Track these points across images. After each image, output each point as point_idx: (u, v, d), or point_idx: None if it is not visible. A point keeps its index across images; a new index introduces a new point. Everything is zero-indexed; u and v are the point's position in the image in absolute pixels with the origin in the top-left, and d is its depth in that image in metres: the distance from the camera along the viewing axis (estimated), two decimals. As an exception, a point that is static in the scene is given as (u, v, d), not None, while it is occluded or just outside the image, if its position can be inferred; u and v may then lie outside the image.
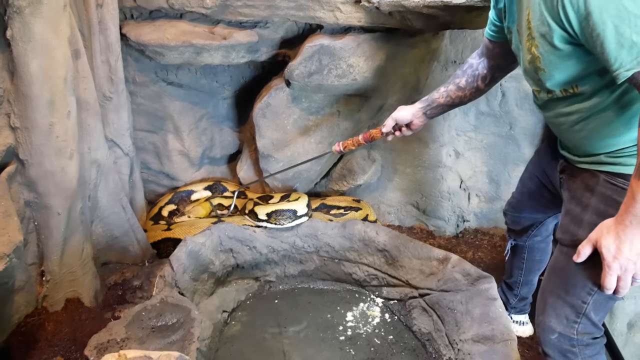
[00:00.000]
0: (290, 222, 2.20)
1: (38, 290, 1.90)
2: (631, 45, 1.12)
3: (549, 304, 1.50)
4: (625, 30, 1.11)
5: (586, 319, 1.45)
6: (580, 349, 1.47)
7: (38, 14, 1.60)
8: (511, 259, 2.14)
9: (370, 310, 2.15)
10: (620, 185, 1.36)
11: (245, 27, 2.35)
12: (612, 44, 1.14)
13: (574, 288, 1.43)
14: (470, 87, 1.81)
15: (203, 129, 2.80)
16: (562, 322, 1.47)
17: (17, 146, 1.74)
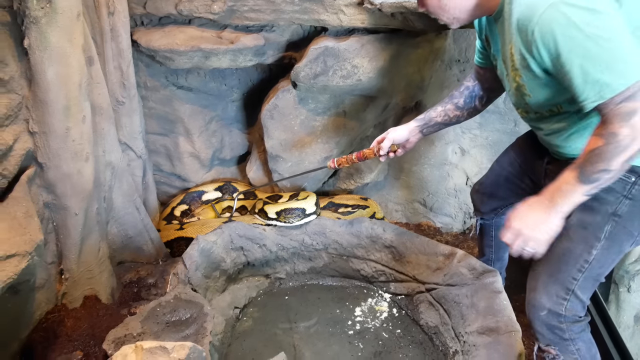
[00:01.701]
0: (300, 220, 2.26)
1: (57, 288, 1.97)
2: (594, 82, 1.26)
3: (541, 282, 1.59)
4: (590, 69, 1.25)
5: (574, 296, 1.55)
6: (568, 325, 1.57)
7: (53, 23, 1.67)
8: (481, 238, 2.25)
9: (378, 306, 2.20)
10: None
11: (252, 31, 2.41)
12: (578, 80, 1.28)
13: (567, 265, 1.53)
14: (468, 107, 1.89)
15: (213, 131, 2.87)
16: (551, 299, 1.56)
17: (36, 150, 1.81)
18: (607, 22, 1.23)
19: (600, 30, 1.22)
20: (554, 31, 1.26)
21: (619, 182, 1.42)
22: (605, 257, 1.51)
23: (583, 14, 1.22)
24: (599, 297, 2.14)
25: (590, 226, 1.49)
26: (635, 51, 1.24)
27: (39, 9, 1.63)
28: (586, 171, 1.31)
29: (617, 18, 1.25)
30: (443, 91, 2.66)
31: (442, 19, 1.55)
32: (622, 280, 2.28)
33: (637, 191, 1.44)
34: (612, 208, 1.46)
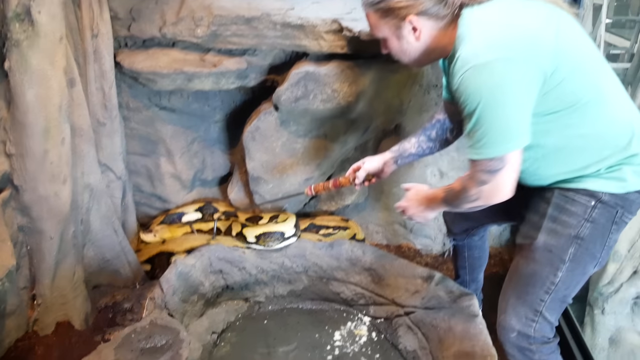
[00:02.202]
0: (279, 243, 2.26)
1: (29, 314, 1.93)
2: (473, 140, 1.42)
3: (510, 304, 1.64)
4: (476, 129, 1.39)
5: (542, 318, 1.60)
6: (537, 347, 1.62)
7: (35, 46, 1.68)
8: (455, 260, 2.28)
9: (358, 329, 2.20)
10: (571, 197, 1.54)
11: (235, 55, 2.43)
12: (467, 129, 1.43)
13: (534, 287, 1.59)
14: (439, 138, 1.96)
15: (195, 152, 2.87)
16: (520, 321, 1.61)
17: (12, 172, 1.80)
18: (511, 95, 1.34)
19: (501, 101, 1.34)
20: (467, 89, 1.37)
21: (580, 206, 1.52)
22: (570, 279, 1.57)
23: (493, 81, 1.33)
24: (573, 320, 2.16)
25: (555, 249, 1.55)
26: (511, 131, 1.38)
27: (21, 32, 1.64)
28: (447, 198, 1.63)
29: (523, 91, 1.35)
30: (422, 115, 2.70)
31: (403, 61, 1.65)
32: (596, 302, 2.31)
33: (597, 214, 1.51)
34: (575, 231, 1.53)
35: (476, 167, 1.45)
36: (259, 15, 2.23)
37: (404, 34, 1.53)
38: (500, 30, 1.37)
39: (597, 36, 4.31)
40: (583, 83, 1.43)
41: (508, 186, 1.45)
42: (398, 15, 1.50)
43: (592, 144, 1.48)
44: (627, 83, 4.58)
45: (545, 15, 1.43)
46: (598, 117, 1.46)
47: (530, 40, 1.36)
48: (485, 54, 1.33)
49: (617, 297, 2.33)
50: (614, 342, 2.34)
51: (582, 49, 1.47)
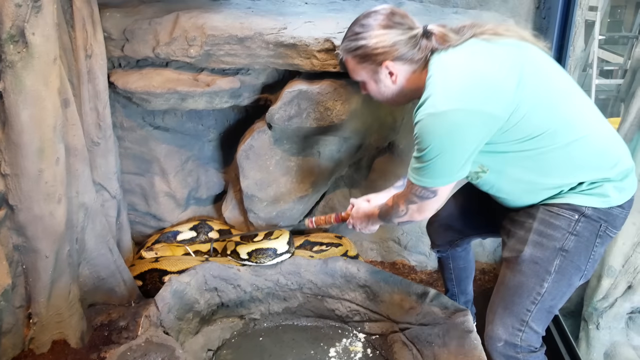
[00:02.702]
0: (271, 260, 2.26)
1: (25, 333, 1.93)
2: (414, 168, 1.56)
3: (497, 315, 1.67)
4: (420, 159, 1.51)
5: (529, 328, 1.63)
6: (524, 356, 1.64)
7: (29, 67, 1.70)
8: (442, 273, 2.32)
9: (353, 346, 2.19)
10: (555, 211, 1.60)
11: (228, 74, 2.46)
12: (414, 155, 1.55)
13: (520, 297, 1.63)
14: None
15: (189, 170, 2.88)
16: (507, 330, 1.64)
17: (7, 192, 1.80)
18: (458, 143, 1.46)
19: (448, 147, 1.46)
20: (422, 132, 1.48)
21: (564, 220, 1.58)
22: (556, 290, 1.61)
23: (444, 130, 1.44)
24: (567, 335, 2.17)
25: (541, 261, 1.60)
26: (450, 171, 1.52)
27: (15, 54, 1.66)
28: (381, 214, 1.85)
29: (471, 139, 1.46)
30: (415, 132, 2.73)
31: (381, 102, 1.78)
32: (591, 317, 2.32)
33: (581, 228, 1.57)
34: (560, 244, 1.58)
35: (412, 189, 1.61)
36: (252, 34, 2.27)
37: (381, 77, 1.64)
38: (460, 80, 1.47)
39: (590, 52, 4.38)
40: (548, 115, 1.50)
41: (431, 211, 1.68)
42: (375, 61, 1.61)
43: (567, 166, 1.56)
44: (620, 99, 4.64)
45: (510, 62, 1.51)
46: (568, 142, 1.52)
47: (488, 90, 1.45)
48: (442, 104, 1.43)
49: (611, 312, 2.34)
50: (609, 357, 2.35)
51: (547, 83, 1.55)
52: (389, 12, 1.60)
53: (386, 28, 1.58)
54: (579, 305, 2.50)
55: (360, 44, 1.61)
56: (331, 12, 2.61)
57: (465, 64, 1.50)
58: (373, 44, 1.58)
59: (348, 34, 1.67)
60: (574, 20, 2.47)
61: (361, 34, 1.61)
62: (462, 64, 1.50)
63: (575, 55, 2.65)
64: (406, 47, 1.56)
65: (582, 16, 2.73)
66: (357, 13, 2.54)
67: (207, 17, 2.34)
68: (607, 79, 5.04)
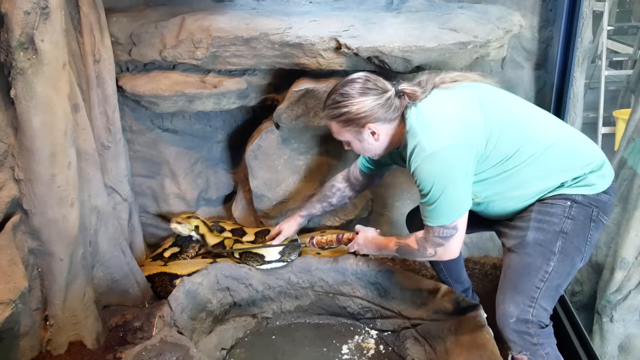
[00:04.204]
0: (259, 265, 2.27)
1: (42, 335, 1.96)
2: (426, 211, 1.75)
3: (508, 295, 1.76)
4: (428, 202, 1.71)
5: (538, 305, 1.73)
6: (535, 330, 1.73)
7: (39, 74, 1.72)
8: (432, 267, 2.46)
9: (365, 343, 2.20)
10: (549, 202, 1.77)
11: (235, 75, 2.48)
12: (422, 201, 1.75)
13: (529, 276, 1.74)
14: (341, 203, 2.32)
15: (198, 172, 2.90)
16: (519, 307, 1.73)
17: (21, 197, 1.83)
18: (456, 174, 1.66)
19: (449, 181, 1.66)
20: (422, 175, 1.69)
21: (558, 207, 1.74)
22: (562, 269, 1.73)
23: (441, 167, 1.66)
24: (581, 329, 2.16)
25: (545, 243, 1.74)
26: (459, 202, 1.70)
27: (25, 60, 1.68)
28: (401, 251, 1.92)
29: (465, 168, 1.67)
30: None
31: (365, 156, 2.06)
32: (604, 310, 2.30)
33: (575, 212, 1.73)
34: (559, 227, 1.73)
35: (432, 232, 1.75)
36: (257, 35, 2.29)
37: (364, 137, 1.82)
38: (439, 123, 1.69)
39: (599, 43, 4.34)
40: (515, 135, 1.72)
41: (458, 247, 1.77)
42: (358, 124, 1.79)
43: (545, 174, 1.74)
44: (630, 90, 4.59)
45: (471, 99, 1.74)
46: (540, 153, 1.72)
47: (464, 126, 1.68)
48: (431, 146, 1.65)
49: (625, 305, 2.32)
50: (624, 349, 2.33)
51: (505, 108, 1.78)
52: (364, 79, 1.79)
53: (364, 95, 1.76)
54: (592, 298, 2.48)
55: (342, 111, 1.78)
56: (336, 10, 2.62)
57: (438, 110, 1.72)
58: (355, 110, 1.76)
59: (329, 102, 1.83)
60: (581, 12, 2.45)
61: (342, 103, 1.77)
62: (436, 111, 1.72)
63: (584, 46, 2.62)
64: (383, 109, 1.75)
65: (590, 7, 2.70)
66: (362, 11, 2.58)
67: (213, 19, 2.36)
68: (617, 70, 5.00)
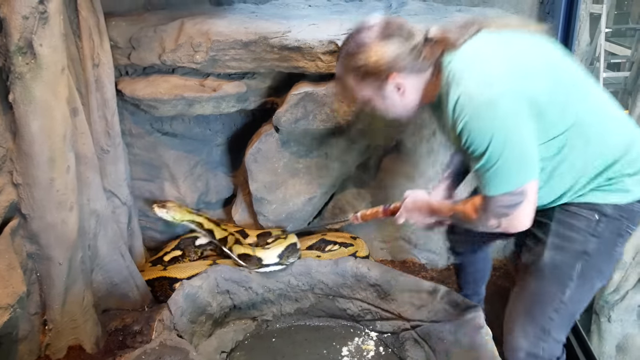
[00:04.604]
0: (256, 268, 2.26)
1: (41, 339, 1.96)
2: (485, 178, 1.40)
3: (518, 324, 1.61)
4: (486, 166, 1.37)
5: (551, 338, 1.57)
6: None
7: (38, 78, 1.72)
8: (458, 276, 2.30)
9: (365, 345, 2.20)
10: (574, 211, 1.51)
11: (234, 79, 2.48)
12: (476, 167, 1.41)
13: (542, 305, 1.56)
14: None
15: (198, 175, 2.91)
16: (529, 340, 1.59)
17: (20, 202, 1.83)
18: (521, 126, 1.34)
19: (513, 133, 1.33)
20: (474, 129, 1.35)
21: (584, 221, 1.49)
22: (579, 295, 1.55)
23: (501, 116, 1.32)
24: (579, 329, 2.16)
25: (563, 265, 1.52)
26: (526, 162, 1.36)
27: (24, 65, 1.69)
28: (457, 215, 1.60)
29: (528, 129, 1.35)
30: (422, 131, 2.73)
31: (389, 117, 1.64)
32: (602, 310, 2.31)
33: (602, 228, 1.48)
34: (582, 247, 1.50)
35: (495, 202, 1.41)
36: (257, 39, 2.29)
37: (387, 93, 1.50)
38: (492, 65, 1.36)
39: (597, 46, 4.34)
40: (578, 108, 1.41)
41: (528, 218, 1.43)
42: (379, 77, 1.47)
43: (587, 162, 1.46)
44: (627, 92, 4.60)
45: (533, 47, 1.44)
46: (589, 136, 1.44)
47: (523, 71, 1.36)
48: (485, 91, 1.31)
49: (623, 305, 2.33)
50: (622, 349, 2.34)
51: (572, 73, 1.46)
52: (385, 23, 1.47)
53: (384, 41, 1.44)
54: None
55: (359, 63, 1.47)
56: (334, 14, 2.63)
57: (490, 50, 1.40)
58: (374, 62, 1.45)
59: (342, 53, 1.53)
60: (579, 14, 2.46)
61: (358, 53, 1.47)
62: (487, 51, 1.40)
63: (581, 49, 2.64)
64: (409, 57, 1.44)
65: (587, 10, 2.72)
66: (361, 15, 2.59)
67: (212, 23, 2.36)
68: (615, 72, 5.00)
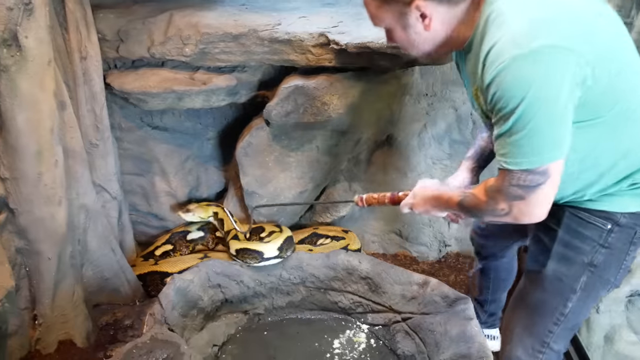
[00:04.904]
0: (257, 262, 2.25)
1: (31, 334, 1.95)
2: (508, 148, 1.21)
3: (516, 334, 1.57)
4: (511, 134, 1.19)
5: (550, 349, 1.53)
6: None
7: (24, 71, 1.70)
8: (480, 279, 2.24)
9: (356, 337, 2.21)
10: (585, 218, 1.40)
11: (224, 72, 2.47)
12: (499, 134, 1.23)
13: (542, 317, 1.50)
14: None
15: (189, 169, 2.89)
16: (527, 352, 1.54)
17: (7, 196, 1.82)
18: (561, 90, 1.13)
19: (549, 98, 1.13)
20: (506, 83, 1.15)
21: (595, 230, 1.38)
22: (581, 308, 1.49)
23: (540, 73, 1.12)
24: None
25: (566, 278, 1.45)
26: (559, 136, 1.17)
27: (9, 57, 1.67)
28: (465, 203, 1.42)
29: (572, 87, 1.15)
30: (413, 124, 2.74)
31: (412, 54, 1.44)
32: (592, 302, 2.33)
33: (614, 239, 1.38)
34: (588, 258, 1.41)
35: (511, 179, 1.23)
36: (246, 31, 2.28)
37: (410, 22, 1.29)
38: (542, 12, 1.15)
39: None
40: (624, 86, 1.23)
41: (546, 205, 1.26)
42: (402, 1, 1.27)
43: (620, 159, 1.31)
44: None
45: (598, 9, 1.24)
46: (628, 129, 1.27)
47: (583, 30, 1.16)
48: (529, 41, 1.11)
49: (611, 296, 2.33)
50: (609, 339, 2.35)
51: (625, 46, 1.27)
52: None
53: None
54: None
55: None
56: (325, 6, 2.62)
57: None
58: None
59: None
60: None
61: None
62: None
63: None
64: None
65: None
66: (352, 7, 2.58)
67: (201, 16, 2.35)
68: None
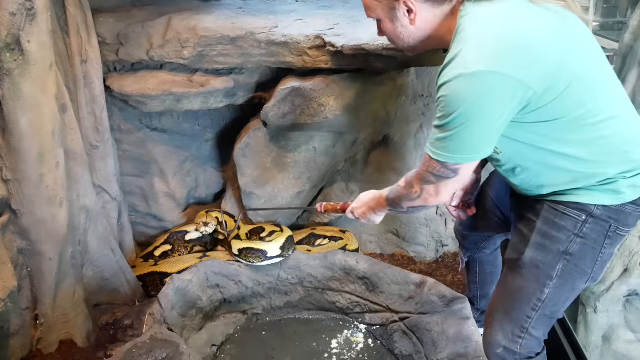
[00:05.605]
0: (260, 261, 2.27)
1: (32, 334, 1.97)
2: (436, 138, 1.38)
3: (496, 319, 1.62)
4: (440, 127, 1.35)
5: (529, 335, 1.58)
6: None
7: (26, 74, 1.73)
8: (467, 275, 2.28)
9: (354, 337, 2.23)
10: (561, 210, 1.48)
11: (222, 74, 2.49)
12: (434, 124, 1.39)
13: (520, 303, 1.56)
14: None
15: (187, 170, 2.92)
16: (507, 337, 1.59)
17: (10, 197, 1.84)
18: (490, 111, 1.29)
19: (478, 115, 1.28)
20: (449, 95, 1.30)
21: (570, 220, 1.46)
22: (558, 296, 1.53)
23: (476, 94, 1.26)
24: (566, 320, 2.20)
25: (543, 265, 1.51)
26: (478, 145, 1.34)
27: (12, 62, 1.69)
28: (391, 196, 1.65)
29: (503, 109, 1.29)
30: (409, 125, 2.76)
31: (397, 46, 1.57)
32: (588, 301, 2.34)
33: (588, 229, 1.45)
34: (564, 247, 1.48)
35: (429, 166, 1.42)
36: (244, 34, 2.30)
37: (398, 16, 1.43)
38: (497, 39, 1.28)
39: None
40: (586, 97, 1.34)
41: (449, 194, 1.51)
42: None
43: (586, 158, 1.41)
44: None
45: (552, 27, 1.33)
46: (594, 131, 1.38)
47: (527, 56, 1.27)
48: (474, 64, 1.25)
49: (608, 296, 2.36)
50: (607, 339, 2.37)
51: (590, 61, 1.38)
52: None
53: None
54: (576, 289, 2.53)
55: None
56: (321, 9, 2.64)
57: (504, 21, 1.30)
58: None
59: None
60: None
61: None
62: (501, 21, 1.30)
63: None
64: None
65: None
66: (347, 10, 2.60)
67: (199, 19, 2.37)
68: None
